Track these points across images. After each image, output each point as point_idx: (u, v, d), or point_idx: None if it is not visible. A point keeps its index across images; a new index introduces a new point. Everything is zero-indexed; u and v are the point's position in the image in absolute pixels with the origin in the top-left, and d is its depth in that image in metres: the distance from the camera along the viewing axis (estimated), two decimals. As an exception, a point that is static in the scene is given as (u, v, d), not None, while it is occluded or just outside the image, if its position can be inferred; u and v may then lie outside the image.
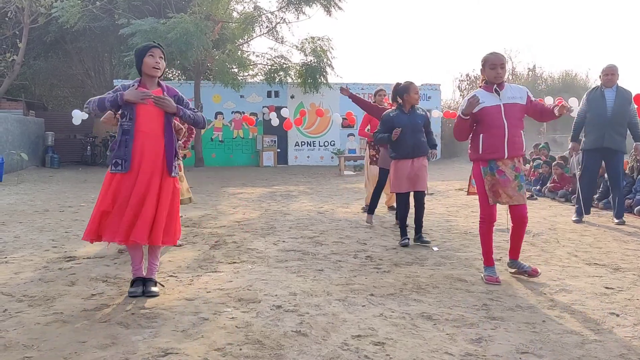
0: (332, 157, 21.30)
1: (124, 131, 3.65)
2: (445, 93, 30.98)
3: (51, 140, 19.85)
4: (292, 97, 21.30)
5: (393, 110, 5.65)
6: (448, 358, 2.68)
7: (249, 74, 21.60)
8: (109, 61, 23.76)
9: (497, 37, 53.16)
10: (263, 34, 20.85)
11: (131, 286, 3.75)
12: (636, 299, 3.61)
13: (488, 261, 4.16)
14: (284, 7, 20.04)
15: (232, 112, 20.97)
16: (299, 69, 20.06)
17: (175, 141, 3.84)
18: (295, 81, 20.41)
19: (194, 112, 3.89)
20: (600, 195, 7.95)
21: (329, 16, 19.76)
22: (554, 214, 7.73)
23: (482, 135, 4.10)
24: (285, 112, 16.83)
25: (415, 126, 5.49)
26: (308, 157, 21.74)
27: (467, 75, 26.47)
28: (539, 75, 25.71)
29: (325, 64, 19.66)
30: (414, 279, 4.13)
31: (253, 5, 20.37)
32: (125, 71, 18.79)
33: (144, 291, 3.70)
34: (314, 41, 19.85)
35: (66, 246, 5.48)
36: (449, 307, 3.45)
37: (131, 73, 17.30)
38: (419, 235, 5.56)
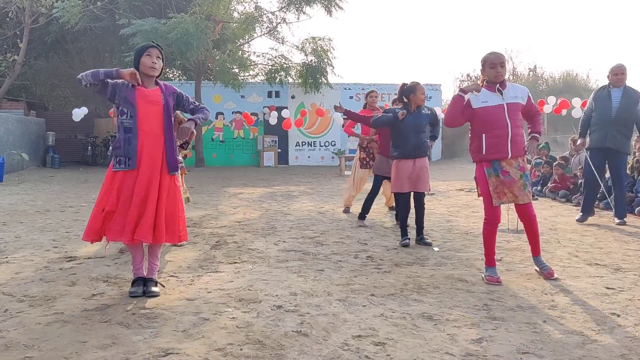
0: (332, 157, 21.31)
1: (125, 129, 3.65)
2: (446, 93, 30.92)
3: (52, 140, 19.87)
4: (293, 97, 21.31)
5: (400, 108, 5.64)
6: (449, 358, 2.68)
7: (249, 74, 21.63)
8: (110, 61, 23.72)
9: (498, 37, 53.21)
10: (264, 34, 20.87)
11: (132, 286, 3.76)
12: (637, 299, 3.61)
13: (489, 262, 4.16)
14: (284, 7, 20.05)
15: (233, 112, 20.98)
16: (299, 69, 20.06)
17: (175, 140, 3.84)
18: (296, 81, 20.41)
19: (199, 107, 3.91)
20: (601, 196, 7.94)
21: (330, 16, 19.78)
22: (554, 214, 7.73)
23: (484, 135, 4.08)
24: (286, 113, 16.84)
25: (419, 127, 5.49)
26: (309, 157, 21.75)
27: (468, 75, 26.49)
28: (539, 76, 25.68)
29: (326, 64, 19.66)
30: (414, 279, 4.13)
31: (254, 6, 20.41)
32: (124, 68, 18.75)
33: (144, 291, 3.71)
34: (314, 41, 19.85)
35: (67, 246, 5.48)
36: (450, 308, 3.45)
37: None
38: (420, 236, 5.56)
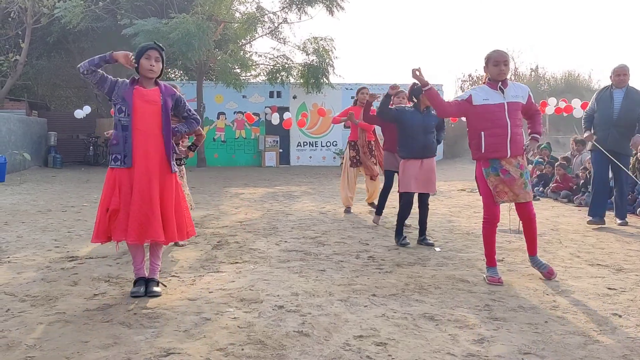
0: (334, 158, 21.30)
1: (122, 127, 3.63)
2: (448, 93, 30.89)
3: (54, 140, 19.89)
4: (295, 97, 21.31)
5: (410, 107, 5.63)
6: (450, 358, 2.68)
7: (251, 74, 21.63)
8: (111, 61, 23.77)
9: (500, 37, 53.15)
10: (265, 34, 20.87)
11: (134, 286, 3.76)
12: (639, 299, 3.60)
13: (490, 262, 4.16)
14: (286, 7, 20.05)
15: (235, 113, 20.99)
16: (301, 69, 20.06)
17: (172, 139, 3.82)
18: (298, 81, 20.41)
19: (190, 116, 3.95)
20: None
21: (331, 16, 19.77)
22: (556, 214, 7.72)
23: (483, 133, 4.08)
24: (287, 115, 16.81)
25: (428, 127, 5.49)
26: (310, 157, 21.74)
27: (469, 75, 26.48)
28: (541, 76, 25.66)
29: (328, 64, 19.65)
30: (416, 280, 4.13)
31: (255, 6, 20.40)
32: (128, 71, 18.77)
33: (146, 291, 3.71)
34: (316, 41, 19.85)
35: (69, 246, 5.49)
36: (451, 308, 3.44)
37: (134, 73, 17.30)
38: (423, 237, 5.56)
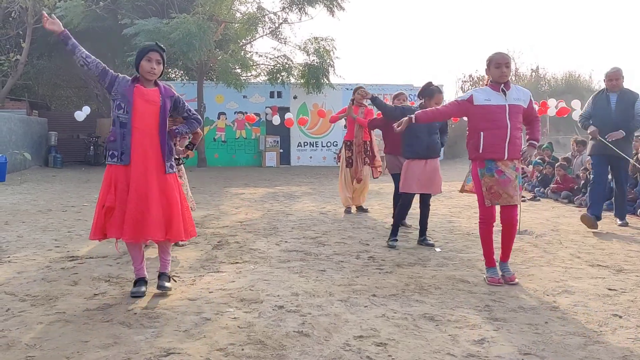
0: (334, 158, 21.30)
1: (121, 124, 3.61)
2: (448, 94, 30.92)
3: (54, 140, 19.91)
4: (295, 97, 21.31)
5: (415, 108, 5.62)
6: (450, 359, 2.68)
7: (251, 75, 21.61)
8: (112, 61, 23.73)
9: (500, 38, 53.16)
10: (266, 34, 20.87)
11: (134, 286, 3.76)
12: (639, 300, 3.60)
13: (489, 262, 4.16)
14: (287, 7, 20.05)
15: (235, 113, 21.00)
16: (301, 69, 20.06)
17: (169, 139, 3.82)
18: (298, 82, 20.41)
19: (191, 116, 3.95)
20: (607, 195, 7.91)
21: (332, 16, 19.78)
22: (556, 215, 7.72)
23: (482, 133, 4.08)
24: (289, 115, 16.79)
25: (432, 128, 5.50)
26: (310, 157, 21.75)
27: (470, 75, 26.50)
28: (542, 77, 25.66)
29: (328, 65, 19.65)
30: (416, 280, 4.13)
31: (256, 6, 20.41)
32: (129, 71, 18.80)
33: (158, 285, 3.74)
34: (317, 41, 19.85)
35: (69, 246, 5.49)
36: (452, 308, 3.44)
37: (134, 73, 17.32)
38: (423, 237, 5.56)
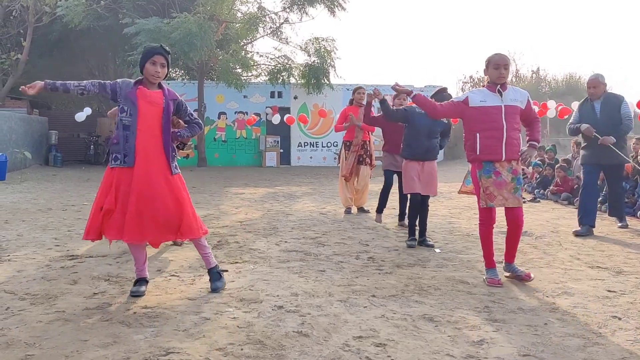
0: (334, 158, 21.29)
1: (124, 127, 3.61)
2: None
3: (55, 139, 19.92)
4: (296, 97, 21.31)
5: (420, 109, 5.62)
6: (449, 360, 2.68)
7: (252, 74, 21.61)
8: (113, 60, 23.78)
9: (501, 39, 53.14)
10: (267, 34, 20.88)
11: (134, 285, 3.76)
12: (638, 302, 3.60)
13: (489, 263, 4.16)
14: (287, 7, 20.06)
15: (235, 112, 21.00)
16: (302, 69, 20.06)
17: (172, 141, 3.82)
18: (299, 82, 20.41)
19: (193, 120, 3.97)
20: (603, 199, 7.92)
21: (333, 17, 19.78)
22: (556, 216, 7.72)
23: (478, 135, 4.08)
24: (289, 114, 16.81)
25: (433, 132, 5.52)
26: (311, 157, 21.74)
27: (470, 77, 26.49)
28: (542, 78, 25.66)
29: (329, 65, 19.65)
30: (415, 281, 4.13)
31: (257, 6, 20.41)
32: (129, 70, 18.82)
33: (211, 288, 3.80)
34: (317, 42, 19.86)
35: (69, 245, 5.49)
36: (451, 309, 3.44)
37: (135, 72, 17.33)
38: (423, 238, 5.56)
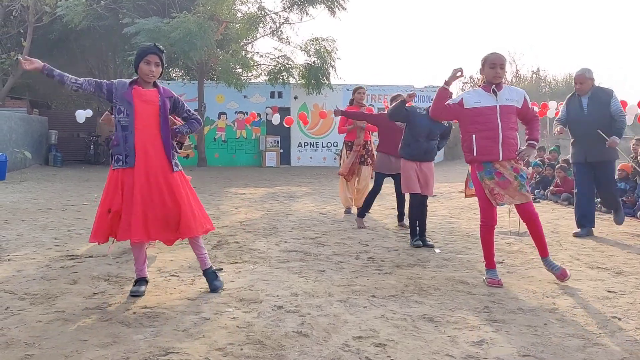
0: (334, 158, 21.30)
1: (122, 127, 3.61)
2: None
3: (54, 138, 19.92)
4: (296, 97, 21.31)
5: (422, 110, 5.63)
6: (449, 360, 2.68)
7: (252, 75, 21.62)
8: (113, 60, 23.80)
9: (501, 39, 53.15)
10: (267, 34, 20.88)
11: (134, 285, 3.76)
12: (638, 302, 3.60)
13: (489, 264, 4.16)
14: (288, 7, 20.06)
15: (236, 112, 21.00)
16: (302, 69, 20.06)
17: (171, 139, 3.81)
18: (299, 82, 20.42)
19: (191, 117, 3.94)
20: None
21: (333, 17, 19.78)
22: (556, 217, 7.72)
23: (474, 136, 4.07)
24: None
25: (432, 134, 5.53)
26: (311, 157, 21.75)
27: (470, 77, 26.45)
28: (542, 78, 25.68)
29: (329, 65, 19.66)
30: (415, 281, 4.13)
31: (257, 6, 20.41)
32: (129, 70, 18.82)
33: (210, 288, 3.78)
34: (318, 42, 19.86)
35: (68, 244, 5.49)
36: (451, 309, 3.44)
37: (134, 72, 17.32)
38: (423, 238, 5.56)
